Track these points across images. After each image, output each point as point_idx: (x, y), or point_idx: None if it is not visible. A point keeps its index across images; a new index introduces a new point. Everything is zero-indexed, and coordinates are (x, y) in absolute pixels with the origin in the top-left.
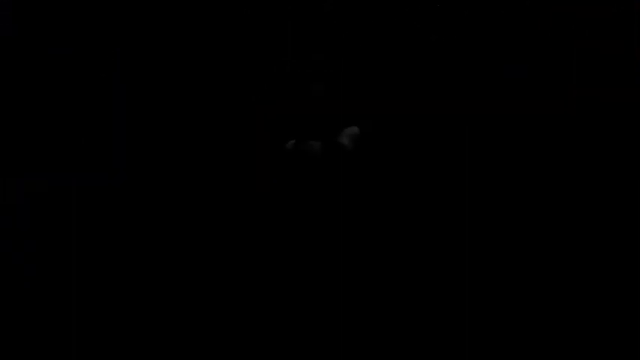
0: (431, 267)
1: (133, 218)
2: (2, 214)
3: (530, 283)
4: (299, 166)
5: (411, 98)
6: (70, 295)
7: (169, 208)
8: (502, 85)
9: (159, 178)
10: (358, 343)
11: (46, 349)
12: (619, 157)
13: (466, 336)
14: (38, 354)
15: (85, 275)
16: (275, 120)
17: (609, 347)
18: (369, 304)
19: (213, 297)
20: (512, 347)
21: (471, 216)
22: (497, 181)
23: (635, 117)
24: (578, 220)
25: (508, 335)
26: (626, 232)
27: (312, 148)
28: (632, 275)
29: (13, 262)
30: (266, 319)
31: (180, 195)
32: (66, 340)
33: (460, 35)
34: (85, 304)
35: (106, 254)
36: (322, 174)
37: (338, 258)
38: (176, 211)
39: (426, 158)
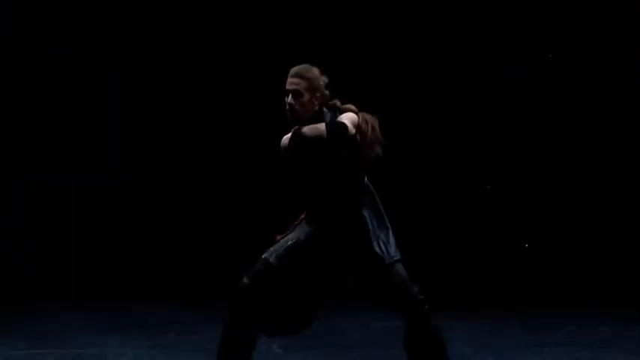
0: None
1: (133, 218)
2: (2, 214)
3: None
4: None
5: (412, 98)
6: (71, 292)
7: (169, 207)
8: (502, 85)
9: (158, 178)
10: None
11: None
12: (619, 156)
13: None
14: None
15: (84, 274)
16: (275, 120)
17: None
18: None
19: (213, 296)
20: None
21: (471, 216)
22: (497, 180)
23: (635, 117)
24: (578, 216)
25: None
26: (626, 229)
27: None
28: (631, 277)
29: (13, 262)
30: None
31: (180, 194)
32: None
33: (460, 35)
34: (85, 299)
35: (106, 254)
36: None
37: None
38: (176, 210)
39: (426, 158)
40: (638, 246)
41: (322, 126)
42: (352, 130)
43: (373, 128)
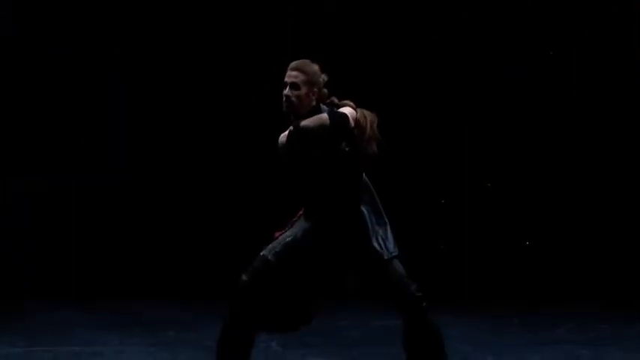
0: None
1: (133, 218)
2: (2, 214)
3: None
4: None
5: (412, 98)
6: (71, 291)
7: (169, 207)
8: (502, 85)
9: (158, 178)
10: None
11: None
12: (619, 156)
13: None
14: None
15: (84, 274)
16: (275, 120)
17: None
18: None
19: (213, 294)
20: None
21: (471, 214)
22: (497, 180)
23: (635, 117)
24: (579, 215)
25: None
26: (626, 229)
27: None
28: (631, 277)
29: (13, 262)
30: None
31: (180, 194)
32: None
33: (460, 35)
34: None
35: (106, 253)
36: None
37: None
38: (175, 209)
39: (426, 158)
40: (638, 245)
41: (324, 116)
42: (351, 122)
43: (371, 124)
